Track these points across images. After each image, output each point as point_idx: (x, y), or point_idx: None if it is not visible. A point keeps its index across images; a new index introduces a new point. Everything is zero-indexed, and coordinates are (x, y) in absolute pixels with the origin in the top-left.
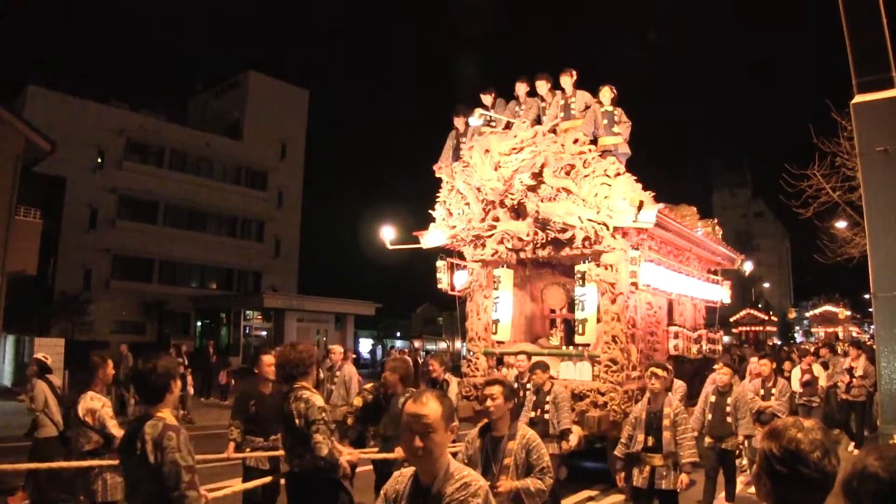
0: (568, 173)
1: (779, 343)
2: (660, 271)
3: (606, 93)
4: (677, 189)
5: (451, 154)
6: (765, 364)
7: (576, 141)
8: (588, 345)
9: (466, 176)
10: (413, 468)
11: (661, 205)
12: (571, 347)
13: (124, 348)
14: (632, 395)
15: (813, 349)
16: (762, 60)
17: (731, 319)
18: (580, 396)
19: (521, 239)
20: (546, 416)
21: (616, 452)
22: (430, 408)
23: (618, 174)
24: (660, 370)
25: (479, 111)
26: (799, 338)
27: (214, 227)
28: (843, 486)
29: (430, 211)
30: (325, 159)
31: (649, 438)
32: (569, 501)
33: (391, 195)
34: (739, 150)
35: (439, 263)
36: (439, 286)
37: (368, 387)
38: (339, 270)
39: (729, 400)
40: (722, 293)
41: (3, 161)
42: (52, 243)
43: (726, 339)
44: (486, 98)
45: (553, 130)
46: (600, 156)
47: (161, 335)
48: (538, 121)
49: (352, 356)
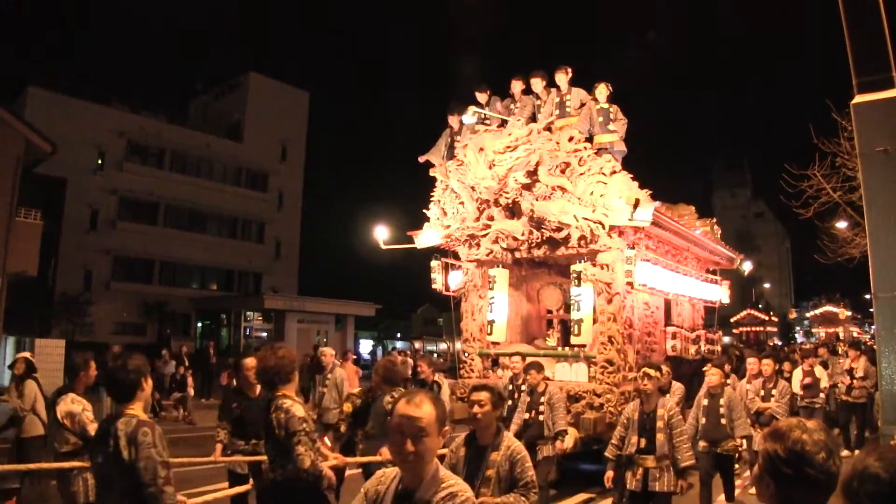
0: (563, 171)
1: (779, 343)
2: (657, 271)
3: (602, 90)
4: (677, 189)
5: (445, 152)
6: (767, 364)
7: (571, 139)
8: (584, 345)
9: (461, 174)
10: (397, 469)
11: (657, 203)
12: (567, 348)
13: (117, 350)
14: (628, 397)
15: (811, 348)
16: (762, 60)
17: (731, 320)
18: (576, 398)
19: (515, 238)
20: (541, 417)
21: (606, 454)
22: (424, 410)
23: (613, 172)
24: (652, 370)
25: (473, 109)
26: (799, 338)
27: (215, 229)
28: (843, 487)
29: (425, 210)
30: (326, 160)
31: (642, 440)
32: None
33: (391, 196)
34: (739, 150)
35: (433, 263)
36: (433, 286)
37: (356, 391)
38: (340, 271)
39: (721, 401)
40: (721, 293)
41: (3, 162)
42: (52, 244)
43: (726, 339)
44: (481, 96)
45: (548, 128)
46: (596, 153)
47: (161, 336)
48: (533, 118)
49: (352, 357)
